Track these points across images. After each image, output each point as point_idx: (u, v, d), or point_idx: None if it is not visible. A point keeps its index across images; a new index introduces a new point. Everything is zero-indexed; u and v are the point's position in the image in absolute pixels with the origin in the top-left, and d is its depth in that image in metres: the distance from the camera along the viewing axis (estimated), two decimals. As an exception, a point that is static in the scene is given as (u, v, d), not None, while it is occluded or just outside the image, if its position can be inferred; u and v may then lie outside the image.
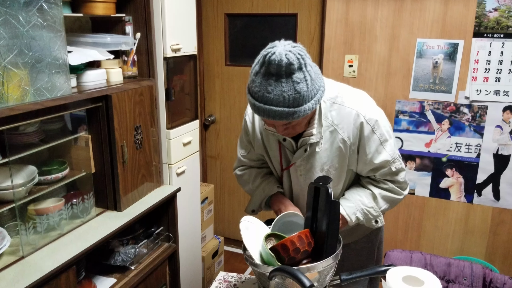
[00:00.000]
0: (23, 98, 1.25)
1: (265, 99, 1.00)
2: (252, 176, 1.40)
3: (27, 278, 1.20)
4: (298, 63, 0.97)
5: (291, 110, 1.00)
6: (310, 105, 1.02)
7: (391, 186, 1.25)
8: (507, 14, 2.03)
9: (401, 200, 1.29)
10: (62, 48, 1.34)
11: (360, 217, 1.23)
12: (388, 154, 1.20)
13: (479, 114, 2.18)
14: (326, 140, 1.20)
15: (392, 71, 2.28)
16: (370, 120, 1.17)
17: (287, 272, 0.92)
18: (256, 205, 1.38)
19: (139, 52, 1.78)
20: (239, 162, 1.45)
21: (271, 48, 0.99)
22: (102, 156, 1.59)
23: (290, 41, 1.02)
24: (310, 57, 1.04)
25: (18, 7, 1.19)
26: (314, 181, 1.12)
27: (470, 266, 1.31)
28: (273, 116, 1.02)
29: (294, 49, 0.98)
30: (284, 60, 0.96)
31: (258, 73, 1.00)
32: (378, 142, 1.19)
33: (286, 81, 0.98)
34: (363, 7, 2.25)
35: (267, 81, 0.99)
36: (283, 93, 0.98)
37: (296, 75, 0.98)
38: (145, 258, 1.77)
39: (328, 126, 1.19)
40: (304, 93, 0.99)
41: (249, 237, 1.10)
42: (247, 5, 2.59)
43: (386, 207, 1.26)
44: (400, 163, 1.24)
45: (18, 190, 1.32)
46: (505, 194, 2.23)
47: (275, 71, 0.97)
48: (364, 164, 1.22)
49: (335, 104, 1.19)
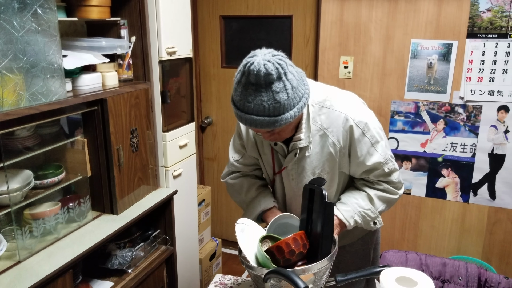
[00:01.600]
0: (18, 103, 1.25)
1: (246, 108, 1.01)
2: (245, 187, 1.37)
3: (23, 283, 1.20)
4: (277, 72, 0.97)
5: (272, 119, 1.01)
6: (292, 113, 1.02)
7: (385, 186, 1.25)
8: (500, 15, 2.04)
9: (397, 200, 1.29)
10: (57, 52, 1.35)
11: (358, 220, 1.23)
12: (380, 155, 1.20)
13: (474, 114, 2.20)
14: (316, 144, 1.20)
15: (387, 72, 2.30)
16: (359, 123, 1.18)
17: (282, 274, 0.92)
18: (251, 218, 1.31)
19: (135, 56, 1.79)
20: (231, 168, 1.41)
21: (251, 58, 1.00)
22: (98, 160, 1.60)
23: (271, 50, 1.02)
24: (292, 64, 1.04)
25: (12, 12, 1.20)
26: (309, 183, 1.13)
27: (465, 266, 1.32)
28: (254, 125, 1.02)
29: (273, 58, 0.98)
30: (263, 70, 0.96)
31: (239, 82, 1.01)
32: (369, 144, 1.19)
33: (265, 90, 0.98)
34: (358, 9, 2.26)
35: (247, 91, 0.99)
36: (263, 102, 0.99)
37: (275, 85, 0.98)
38: (142, 261, 1.77)
39: (318, 130, 1.19)
40: (285, 102, 1.00)
41: (245, 240, 1.11)
42: (242, 8, 2.60)
43: (383, 208, 1.26)
44: (392, 164, 1.24)
45: (14, 195, 1.32)
46: (500, 193, 2.24)
47: (254, 80, 0.98)
48: (357, 166, 1.23)
49: (323, 108, 1.19)
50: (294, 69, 1.04)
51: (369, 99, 2.35)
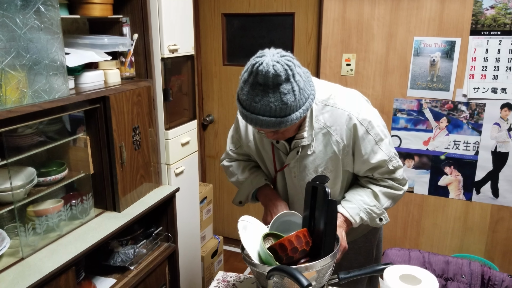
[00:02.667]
0: (21, 100, 1.25)
1: (253, 108, 1.01)
2: (240, 168, 1.42)
3: (26, 279, 1.21)
4: (285, 74, 0.97)
5: (278, 120, 1.01)
6: (298, 114, 1.02)
7: (390, 183, 1.25)
8: (503, 12, 2.03)
9: (402, 196, 1.30)
10: (59, 50, 1.35)
11: (364, 217, 1.23)
12: (384, 153, 1.20)
13: (477, 112, 2.19)
14: (320, 142, 1.20)
15: (390, 70, 2.29)
16: (363, 121, 1.18)
17: (285, 271, 0.92)
18: (243, 196, 1.40)
19: (137, 53, 1.78)
20: (226, 155, 1.47)
21: (259, 58, 0.99)
22: (100, 157, 1.60)
23: (280, 50, 1.02)
24: (300, 64, 1.04)
25: (15, 10, 1.20)
26: (311, 180, 1.13)
27: (469, 264, 1.31)
28: (260, 125, 1.02)
29: (282, 59, 0.98)
30: (271, 71, 0.95)
31: (247, 81, 1.01)
32: (373, 142, 1.19)
33: (273, 91, 0.98)
34: (360, 6, 2.25)
35: (254, 91, 0.99)
36: (270, 103, 0.98)
37: (283, 86, 0.98)
38: (144, 258, 1.78)
39: (321, 128, 1.19)
40: (292, 104, 1.00)
41: (247, 237, 1.11)
42: (244, 5, 2.59)
43: (388, 204, 1.27)
44: (397, 161, 1.24)
45: (17, 192, 1.33)
46: (503, 192, 2.24)
47: (263, 81, 0.97)
48: (361, 164, 1.22)
49: (327, 106, 1.19)
50: (302, 70, 1.04)
51: (372, 97, 2.35)
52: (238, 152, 1.42)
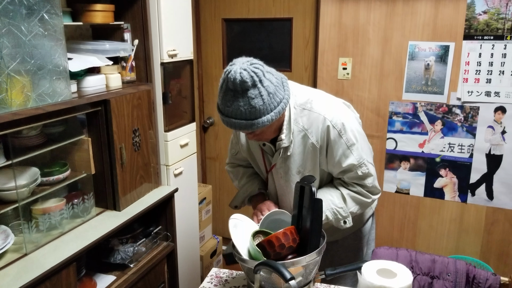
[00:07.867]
0: (25, 103, 1.31)
1: (226, 111, 1.10)
2: (240, 174, 1.51)
3: (30, 274, 1.27)
4: (251, 80, 1.05)
5: (249, 122, 1.09)
6: (269, 117, 1.09)
7: (359, 189, 1.29)
8: (496, 17, 2.07)
9: (371, 204, 1.34)
10: (62, 55, 1.41)
11: (329, 216, 1.27)
12: (354, 158, 1.24)
13: (471, 115, 2.22)
14: (299, 145, 1.26)
15: (385, 73, 2.33)
16: (336, 124, 1.23)
17: (270, 265, 0.97)
18: (238, 202, 1.50)
19: (137, 58, 1.85)
20: (229, 160, 1.57)
21: (230, 66, 1.08)
22: (101, 158, 1.66)
23: (251, 58, 1.11)
24: (272, 71, 1.12)
25: (20, 18, 1.26)
26: (300, 180, 1.18)
27: (454, 262, 1.35)
28: (234, 127, 1.11)
29: (250, 66, 1.06)
30: (238, 78, 1.04)
31: (221, 87, 1.10)
32: (345, 146, 1.24)
33: (242, 96, 1.06)
34: (356, 11, 2.30)
35: (226, 96, 1.09)
36: (240, 107, 1.07)
37: (250, 92, 1.06)
38: (143, 256, 1.83)
39: (300, 131, 1.25)
40: (260, 107, 1.07)
41: (238, 234, 1.16)
42: (243, 10, 2.65)
43: (355, 209, 1.29)
44: (366, 168, 1.26)
45: (21, 191, 1.39)
46: (498, 194, 2.26)
47: (232, 87, 1.06)
48: (333, 166, 1.28)
49: (305, 110, 1.25)
50: (273, 76, 1.11)
51: (368, 100, 2.39)
52: (238, 158, 1.52)
